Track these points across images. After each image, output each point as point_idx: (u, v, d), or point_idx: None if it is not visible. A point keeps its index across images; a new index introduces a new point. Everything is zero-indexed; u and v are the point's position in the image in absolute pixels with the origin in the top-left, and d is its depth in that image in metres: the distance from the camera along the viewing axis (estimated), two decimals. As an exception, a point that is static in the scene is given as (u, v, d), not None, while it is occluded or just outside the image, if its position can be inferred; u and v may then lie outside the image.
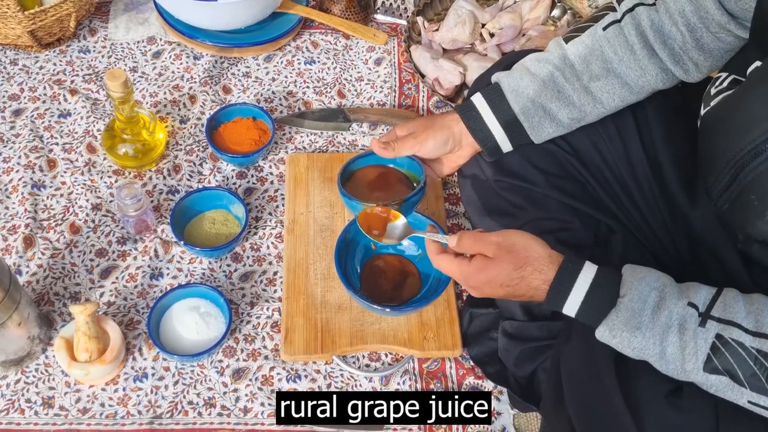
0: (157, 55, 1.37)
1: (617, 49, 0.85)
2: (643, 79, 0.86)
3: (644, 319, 0.69)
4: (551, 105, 0.88)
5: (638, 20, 0.84)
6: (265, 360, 1.03)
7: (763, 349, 0.65)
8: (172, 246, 1.13)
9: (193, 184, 1.20)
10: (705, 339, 0.67)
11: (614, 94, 0.87)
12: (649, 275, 0.72)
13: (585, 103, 0.88)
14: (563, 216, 0.89)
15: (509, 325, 0.94)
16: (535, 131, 0.90)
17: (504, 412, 1.01)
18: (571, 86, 0.87)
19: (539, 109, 0.88)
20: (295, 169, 1.20)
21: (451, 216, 1.19)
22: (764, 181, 0.70)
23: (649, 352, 0.69)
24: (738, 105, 0.74)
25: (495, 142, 0.92)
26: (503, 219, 0.92)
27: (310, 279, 1.08)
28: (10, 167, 1.19)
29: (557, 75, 0.87)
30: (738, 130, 0.72)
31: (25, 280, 1.08)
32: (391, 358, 1.05)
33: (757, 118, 0.70)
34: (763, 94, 0.70)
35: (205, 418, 0.98)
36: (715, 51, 0.83)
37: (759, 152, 0.69)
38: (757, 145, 0.69)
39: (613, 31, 0.85)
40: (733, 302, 0.68)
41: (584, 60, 0.87)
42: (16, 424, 0.96)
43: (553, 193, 0.89)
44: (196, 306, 1.03)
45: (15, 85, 1.30)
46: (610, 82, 0.87)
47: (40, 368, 1.01)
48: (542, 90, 0.88)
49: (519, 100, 0.89)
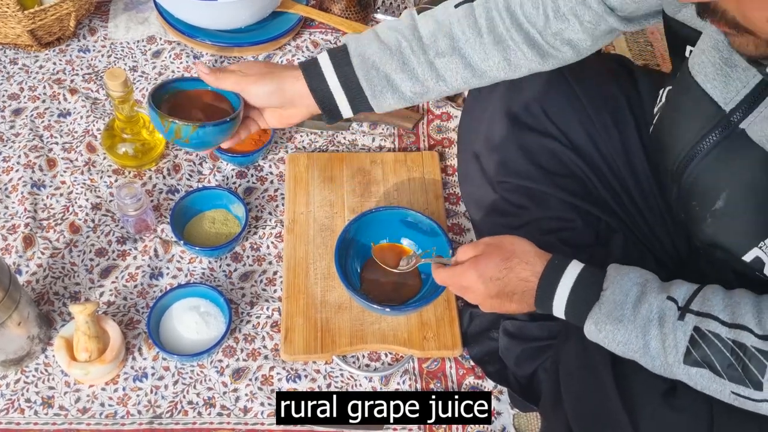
0: (157, 54, 1.37)
1: (465, 29, 0.84)
2: (486, 63, 0.85)
3: (626, 312, 0.71)
4: (395, 76, 0.86)
5: (492, 3, 0.83)
6: (265, 360, 1.03)
7: (738, 339, 0.66)
8: (172, 245, 1.12)
9: (193, 183, 1.20)
10: (684, 332, 0.68)
11: (457, 74, 0.86)
12: (633, 272, 0.74)
13: (428, 78, 0.86)
14: (565, 215, 0.89)
15: (510, 324, 0.95)
16: (377, 100, 0.87)
17: (504, 412, 1.01)
18: (416, 59, 0.85)
19: (383, 79, 0.86)
20: (295, 169, 1.20)
21: (451, 216, 1.19)
22: (698, 186, 0.74)
23: (633, 346, 0.70)
24: (667, 121, 0.79)
25: (335, 104, 0.88)
26: (505, 218, 0.92)
27: (310, 278, 1.08)
28: (10, 167, 1.19)
29: (405, 45, 0.85)
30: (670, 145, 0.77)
31: (25, 279, 1.08)
32: (391, 357, 1.05)
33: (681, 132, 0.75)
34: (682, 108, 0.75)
35: (205, 417, 0.98)
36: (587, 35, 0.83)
37: (691, 158, 0.74)
38: (686, 153, 0.74)
39: (464, 11, 0.84)
40: (712, 296, 0.69)
41: (432, 35, 0.85)
42: (16, 424, 0.96)
43: (554, 192, 0.89)
44: (196, 306, 1.03)
45: (15, 84, 1.30)
46: (454, 60, 0.85)
47: (39, 368, 1.01)
48: (388, 59, 0.86)
49: (363, 66, 0.86)
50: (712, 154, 0.72)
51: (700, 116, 0.72)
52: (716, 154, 0.72)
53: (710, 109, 0.71)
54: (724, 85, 0.69)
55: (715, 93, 0.70)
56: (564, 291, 0.75)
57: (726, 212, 0.72)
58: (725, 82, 0.69)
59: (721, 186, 0.72)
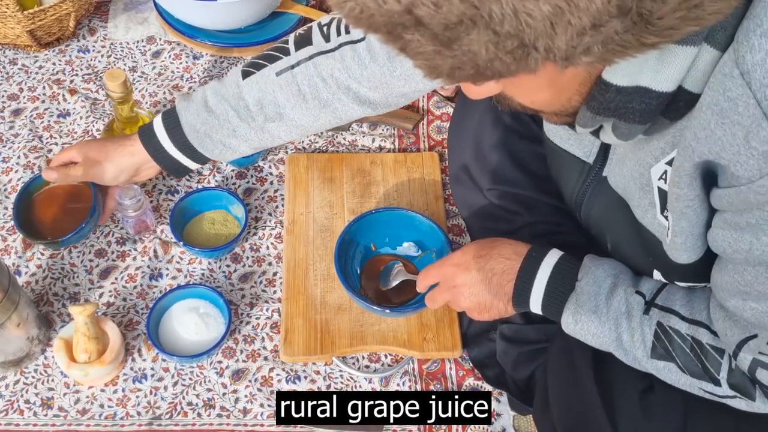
0: (157, 54, 1.37)
1: (289, 97, 0.89)
2: (317, 123, 0.92)
3: (600, 303, 0.72)
4: (229, 141, 0.94)
5: (315, 71, 0.88)
6: (265, 361, 1.03)
7: (696, 336, 0.67)
8: (172, 246, 1.12)
9: (193, 184, 1.19)
10: (649, 326, 0.69)
11: (291, 133, 0.94)
12: (608, 262, 0.75)
13: (264, 138, 0.94)
14: (556, 219, 0.90)
15: (507, 328, 0.95)
16: (220, 157, 0.97)
17: (504, 413, 1.01)
18: (246, 125, 0.92)
19: (218, 144, 0.94)
20: (294, 170, 1.19)
21: (451, 216, 1.19)
22: (590, 228, 0.81)
23: (607, 339, 0.72)
24: (552, 171, 0.86)
25: (178, 164, 0.99)
26: (498, 224, 0.93)
27: (310, 280, 1.08)
28: (9, 167, 1.19)
29: (232, 115, 0.92)
30: (562, 189, 0.84)
31: (24, 280, 1.08)
32: (391, 359, 1.05)
33: (564, 182, 0.81)
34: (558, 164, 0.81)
35: (205, 419, 0.98)
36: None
37: (579, 204, 0.80)
38: (574, 199, 0.80)
39: (285, 78, 0.89)
40: (675, 291, 0.71)
41: (258, 102, 0.90)
42: (15, 425, 0.96)
43: (543, 197, 0.90)
44: (196, 307, 1.03)
45: (14, 84, 1.30)
46: (285, 124, 0.92)
47: (39, 369, 1.01)
48: (219, 128, 0.93)
49: (196, 135, 0.94)
50: (589, 202, 0.77)
51: (573, 169, 0.77)
52: (592, 201, 0.76)
53: (578, 164, 0.76)
54: (578, 142, 0.74)
55: (575, 150, 0.75)
56: (541, 283, 0.77)
57: (617, 253, 0.76)
58: (578, 139, 0.74)
59: (605, 231, 0.77)
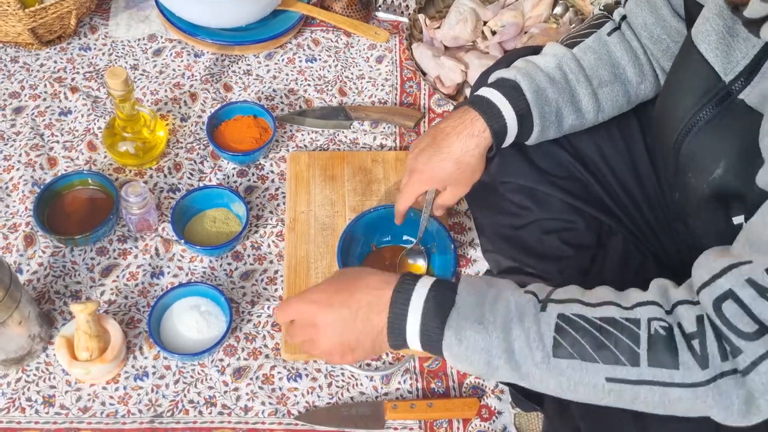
0: (158, 52, 1.36)
1: (624, 54, 0.86)
2: (642, 85, 0.88)
3: (485, 311, 0.66)
4: (564, 110, 0.87)
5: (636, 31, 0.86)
6: (266, 359, 1.03)
7: (605, 315, 0.64)
8: (173, 244, 1.12)
9: (194, 182, 1.19)
10: (548, 323, 0.65)
11: (615, 102, 0.88)
12: (486, 278, 0.71)
13: (590, 110, 0.88)
14: (567, 216, 0.88)
15: None
16: (541, 135, 0.88)
17: (505, 412, 1.01)
18: (583, 90, 0.87)
19: (552, 114, 0.86)
20: (296, 168, 1.19)
21: (452, 215, 1.19)
22: (696, 156, 0.73)
23: (497, 351, 0.65)
24: (668, 89, 0.79)
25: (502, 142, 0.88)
26: (508, 218, 0.92)
27: (311, 278, 1.08)
28: (11, 165, 1.19)
29: (572, 78, 0.87)
30: (670, 115, 0.77)
31: (26, 278, 1.08)
32: (392, 357, 1.05)
33: (681, 101, 0.75)
34: (683, 77, 0.75)
35: (206, 417, 0.98)
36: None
37: (690, 128, 0.73)
38: (686, 123, 0.73)
39: (617, 37, 0.87)
40: (571, 286, 0.69)
41: (593, 65, 0.87)
42: (17, 423, 0.96)
43: (556, 193, 0.89)
44: (197, 305, 1.03)
45: (15, 82, 1.30)
46: (615, 89, 0.87)
47: (40, 367, 1.01)
48: (560, 93, 0.86)
49: (538, 100, 0.86)
50: (711, 124, 0.72)
51: (700, 86, 0.72)
52: (715, 123, 0.71)
53: (710, 80, 0.71)
54: (725, 56, 0.69)
55: (716, 63, 0.70)
56: (417, 307, 0.69)
57: (723, 180, 0.71)
58: (727, 52, 0.69)
59: (719, 155, 0.71)
